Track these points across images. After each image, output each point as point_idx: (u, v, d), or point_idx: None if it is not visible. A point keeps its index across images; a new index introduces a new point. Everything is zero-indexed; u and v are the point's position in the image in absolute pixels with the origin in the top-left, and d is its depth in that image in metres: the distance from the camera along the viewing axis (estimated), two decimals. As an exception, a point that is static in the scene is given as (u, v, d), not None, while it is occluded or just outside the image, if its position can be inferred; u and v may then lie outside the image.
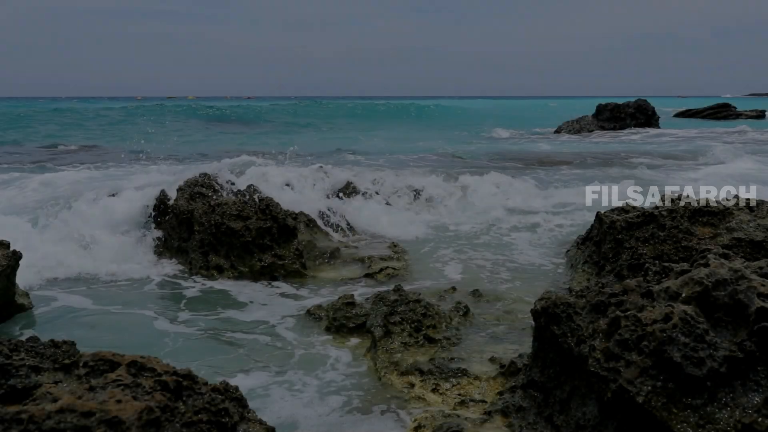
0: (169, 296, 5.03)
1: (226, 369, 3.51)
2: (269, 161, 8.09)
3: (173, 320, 4.40)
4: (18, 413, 1.77)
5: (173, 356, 3.64)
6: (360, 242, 6.63)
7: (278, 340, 4.00)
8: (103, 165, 13.11)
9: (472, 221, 7.53)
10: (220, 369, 3.50)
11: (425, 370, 3.29)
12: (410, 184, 8.63)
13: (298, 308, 4.61)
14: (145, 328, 4.28)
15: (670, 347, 2.11)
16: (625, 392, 2.10)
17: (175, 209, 6.18)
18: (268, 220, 5.65)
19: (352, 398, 3.15)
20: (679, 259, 4.02)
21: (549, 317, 2.63)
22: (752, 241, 4.21)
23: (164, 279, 5.46)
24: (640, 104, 23.28)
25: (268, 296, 4.98)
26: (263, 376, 3.43)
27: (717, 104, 39.24)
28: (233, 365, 3.59)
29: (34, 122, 26.41)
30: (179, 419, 1.96)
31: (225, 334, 4.12)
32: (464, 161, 13.51)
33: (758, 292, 2.19)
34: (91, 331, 4.20)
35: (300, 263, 5.55)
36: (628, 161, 12.94)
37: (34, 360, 2.20)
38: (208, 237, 5.65)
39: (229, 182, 6.79)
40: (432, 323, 3.83)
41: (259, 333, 4.14)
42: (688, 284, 2.33)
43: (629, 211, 4.89)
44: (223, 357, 3.75)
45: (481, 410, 2.86)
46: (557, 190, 9.35)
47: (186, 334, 4.14)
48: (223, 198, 6.01)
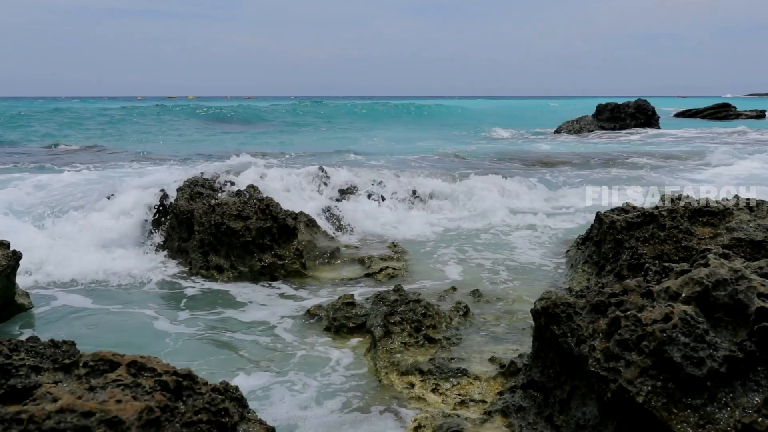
0: (169, 296, 5.03)
1: (225, 369, 3.51)
2: (270, 161, 8.10)
3: (173, 320, 4.40)
4: (18, 413, 1.77)
5: (173, 356, 3.64)
6: (360, 242, 6.64)
7: (278, 341, 4.00)
8: (102, 165, 13.11)
9: (472, 221, 7.53)
10: (220, 369, 3.50)
11: (425, 370, 3.29)
12: (411, 184, 8.63)
13: (298, 308, 4.61)
14: (145, 328, 4.28)
15: (670, 347, 2.11)
16: (625, 392, 2.10)
17: (175, 209, 6.18)
18: (268, 220, 5.65)
19: (352, 398, 3.15)
20: (679, 259, 4.02)
21: (549, 317, 2.63)
22: (752, 241, 4.21)
23: (164, 279, 5.46)
24: (640, 104, 23.27)
25: (267, 296, 4.98)
26: (263, 376, 3.43)
27: (717, 104, 39.25)
28: (233, 365, 3.59)
29: (34, 122, 26.39)
30: (179, 419, 1.97)
31: (225, 334, 4.12)
32: (464, 161, 13.51)
33: (758, 292, 2.19)
34: (91, 331, 4.21)
35: (300, 263, 5.55)
36: (630, 162, 12.87)
37: (34, 360, 2.20)
38: (208, 237, 5.65)
39: (229, 182, 6.80)
40: (432, 323, 3.83)
41: (259, 333, 4.14)
42: (688, 284, 2.33)
43: (629, 211, 4.90)
44: (223, 357, 3.75)
45: (481, 410, 2.86)
46: (557, 190, 9.36)
47: (186, 334, 4.14)
48: (223, 198, 6.01)
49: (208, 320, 4.41)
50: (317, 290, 5.12)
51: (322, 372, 3.48)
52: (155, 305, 4.75)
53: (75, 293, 5.00)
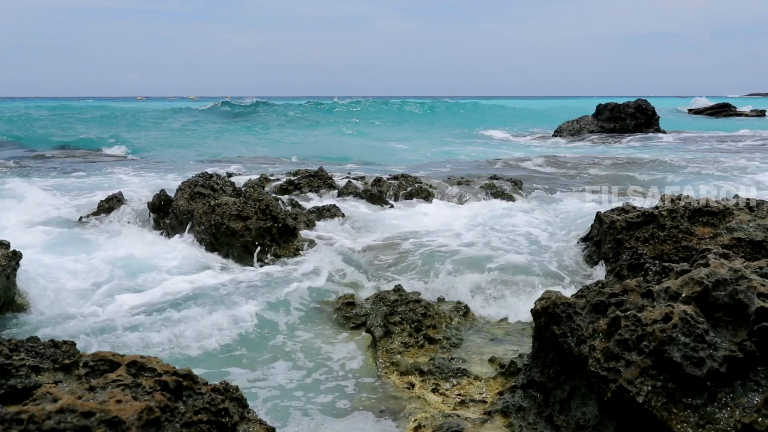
0: (169, 296, 5.02)
1: (225, 369, 3.51)
2: (271, 163, 8.11)
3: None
4: (18, 413, 1.77)
5: (173, 355, 3.63)
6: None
7: (278, 340, 4.00)
8: (103, 166, 13.13)
9: (472, 221, 7.52)
10: (219, 368, 3.50)
11: (425, 370, 3.29)
12: (411, 184, 8.63)
13: (298, 308, 4.60)
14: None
15: (670, 347, 2.11)
16: (625, 392, 2.10)
17: (175, 209, 6.18)
18: (268, 220, 5.65)
19: (352, 398, 3.15)
20: (679, 259, 4.02)
21: (549, 317, 2.63)
22: (752, 241, 4.21)
23: (164, 279, 5.45)
24: (640, 104, 23.24)
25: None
26: (262, 375, 3.43)
27: (717, 104, 39.41)
28: (233, 365, 3.59)
29: (34, 122, 26.38)
30: (179, 419, 1.97)
31: (224, 334, 4.11)
32: (459, 163, 13.52)
33: (758, 292, 2.19)
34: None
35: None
36: (643, 168, 12.04)
37: (34, 360, 2.20)
38: (208, 237, 5.65)
39: (229, 182, 6.81)
40: (432, 323, 3.83)
41: (259, 332, 4.13)
42: (688, 284, 2.33)
43: (629, 211, 4.90)
44: (222, 357, 3.74)
45: (481, 410, 2.86)
46: (558, 190, 9.35)
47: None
48: (223, 198, 6.01)
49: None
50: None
51: (321, 372, 3.48)
52: (155, 305, 4.74)
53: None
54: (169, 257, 5.48)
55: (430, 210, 7.54)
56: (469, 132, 25.85)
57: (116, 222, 6.62)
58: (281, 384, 3.33)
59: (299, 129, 26.08)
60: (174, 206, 6.23)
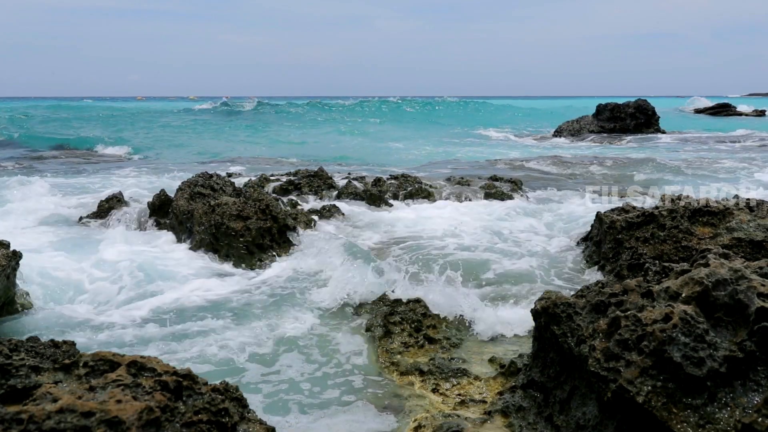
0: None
1: (224, 368, 3.51)
2: (271, 163, 8.11)
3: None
4: (18, 413, 1.77)
5: (173, 356, 3.63)
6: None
7: (278, 340, 4.00)
8: (103, 166, 13.14)
9: (472, 221, 7.52)
10: (219, 368, 3.50)
11: (425, 370, 3.29)
12: (411, 184, 8.64)
13: (298, 308, 4.60)
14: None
15: (670, 347, 2.11)
16: (625, 392, 2.10)
17: (175, 209, 6.18)
18: (268, 220, 5.66)
19: (352, 398, 3.15)
20: (679, 259, 4.02)
21: (549, 317, 2.63)
22: (752, 241, 4.21)
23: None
24: (640, 104, 23.24)
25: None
26: (261, 375, 3.43)
27: (717, 104, 39.49)
28: (232, 365, 3.59)
29: (34, 122, 26.39)
30: (179, 419, 1.97)
31: (223, 334, 4.11)
32: (458, 164, 13.52)
33: (758, 292, 2.19)
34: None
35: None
36: (643, 168, 12.11)
37: (34, 360, 2.20)
38: (208, 237, 5.65)
39: (229, 182, 6.81)
40: (432, 323, 3.83)
41: (259, 332, 4.13)
42: (688, 284, 2.33)
43: (629, 211, 4.90)
44: (221, 357, 3.74)
45: (481, 410, 2.86)
46: (558, 190, 9.34)
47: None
48: (223, 198, 6.01)
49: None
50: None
51: (321, 371, 3.48)
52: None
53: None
54: (169, 257, 5.49)
55: (430, 210, 7.55)
56: (469, 132, 25.85)
57: (116, 222, 6.62)
58: (279, 383, 3.32)
59: (299, 129, 26.07)
60: (174, 206, 6.22)
